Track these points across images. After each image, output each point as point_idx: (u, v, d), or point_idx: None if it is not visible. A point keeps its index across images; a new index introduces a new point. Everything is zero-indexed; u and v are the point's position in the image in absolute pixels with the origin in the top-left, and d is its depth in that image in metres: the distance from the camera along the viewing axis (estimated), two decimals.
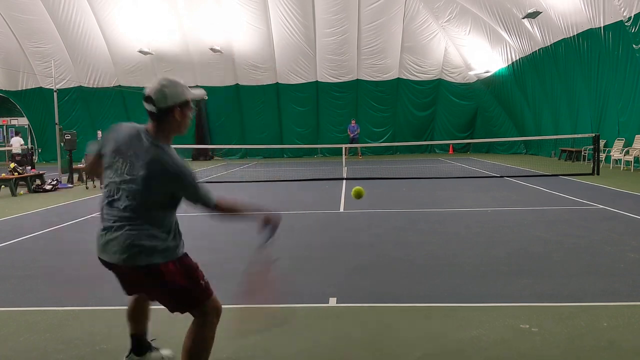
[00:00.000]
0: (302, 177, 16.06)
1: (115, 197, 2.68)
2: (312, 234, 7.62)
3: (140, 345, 3.23)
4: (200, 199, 2.71)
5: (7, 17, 26.59)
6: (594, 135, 15.20)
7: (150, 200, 2.65)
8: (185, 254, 2.81)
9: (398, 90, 29.01)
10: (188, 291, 2.75)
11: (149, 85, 2.75)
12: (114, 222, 2.66)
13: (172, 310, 2.86)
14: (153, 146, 2.68)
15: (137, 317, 3.21)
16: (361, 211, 9.57)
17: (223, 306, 4.46)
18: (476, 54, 26.60)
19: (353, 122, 27.12)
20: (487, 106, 28.71)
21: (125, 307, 3.22)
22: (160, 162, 2.63)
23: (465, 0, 23.58)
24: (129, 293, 3.03)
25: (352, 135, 26.64)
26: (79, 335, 3.90)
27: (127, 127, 2.79)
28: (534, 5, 19.32)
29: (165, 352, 3.35)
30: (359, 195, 5.14)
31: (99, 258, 2.77)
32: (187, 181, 2.67)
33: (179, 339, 3.00)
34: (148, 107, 2.72)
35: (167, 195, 2.69)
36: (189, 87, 2.81)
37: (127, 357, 3.23)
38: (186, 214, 10.29)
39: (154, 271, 2.65)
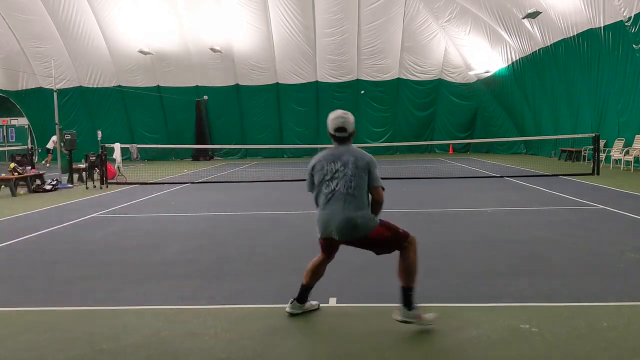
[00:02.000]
0: (302, 177, 16.02)
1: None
2: (312, 234, 7.59)
3: (304, 295, 4.24)
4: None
5: (7, 17, 26.60)
6: (594, 135, 15.19)
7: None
8: None
9: (398, 90, 29.01)
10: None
11: (335, 120, 4.13)
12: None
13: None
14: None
15: (317, 274, 4.28)
16: None
17: (224, 306, 4.48)
18: (476, 54, 26.59)
19: None
20: (487, 106, 28.71)
21: (125, 307, 3.21)
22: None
23: (465, 0, 23.58)
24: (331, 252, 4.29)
25: None
26: (79, 335, 3.90)
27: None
28: (534, 5, 19.31)
29: (313, 302, 4.35)
30: None
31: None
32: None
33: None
34: (340, 134, 4.16)
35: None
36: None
37: (291, 302, 4.23)
38: (185, 214, 10.23)
39: None
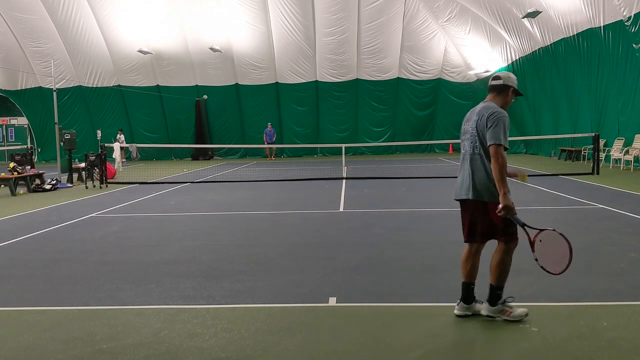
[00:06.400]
0: (302, 176, 16.05)
1: None
2: (312, 234, 7.61)
3: (469, 294, 4.05)
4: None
5: (7, 17, 26.57)
6: (593, 134, 15.19)
7: None
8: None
9: (398, 89, 29.00)
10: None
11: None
12: None
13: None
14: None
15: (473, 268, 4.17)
16: (361, 211, 9.57)
17: (223, 306, 4.48)
18: (476, 53, 26.58)
19: (269, 126, 27.03)
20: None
21: (125, 307, 3.22)
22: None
23: None
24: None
25: (267, 141, 26.58)
26: (79, 335, 3.90)
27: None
28: (534, 5, 19.30)
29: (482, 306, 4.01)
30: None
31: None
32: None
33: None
34: (495, 82, 4.12)
35: None
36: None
37: (457, 303, 4.07)
38: (184, 214, 10.21)
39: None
